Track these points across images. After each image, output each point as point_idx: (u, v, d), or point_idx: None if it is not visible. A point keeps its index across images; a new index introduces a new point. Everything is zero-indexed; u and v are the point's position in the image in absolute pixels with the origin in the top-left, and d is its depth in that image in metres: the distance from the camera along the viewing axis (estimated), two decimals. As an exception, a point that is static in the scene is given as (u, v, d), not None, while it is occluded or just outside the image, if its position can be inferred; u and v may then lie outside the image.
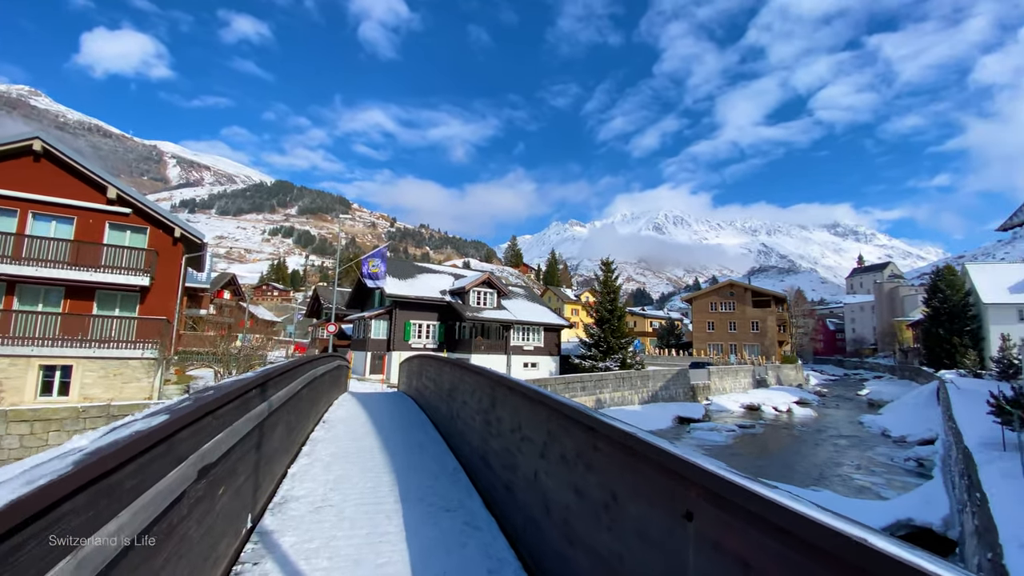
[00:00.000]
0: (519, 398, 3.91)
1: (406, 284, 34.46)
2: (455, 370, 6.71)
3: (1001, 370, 28.85)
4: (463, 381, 6.22)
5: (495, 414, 4.59)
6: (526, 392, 3.71)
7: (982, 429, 10.31)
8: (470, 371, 5.70)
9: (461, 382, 6.32)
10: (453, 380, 6.87)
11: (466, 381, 6.04)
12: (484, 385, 5.06)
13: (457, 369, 6.56)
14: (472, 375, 5.57)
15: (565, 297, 74.81)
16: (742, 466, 18.61)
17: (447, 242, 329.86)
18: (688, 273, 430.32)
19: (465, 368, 6.05)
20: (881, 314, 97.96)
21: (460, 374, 6.38)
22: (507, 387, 4.24)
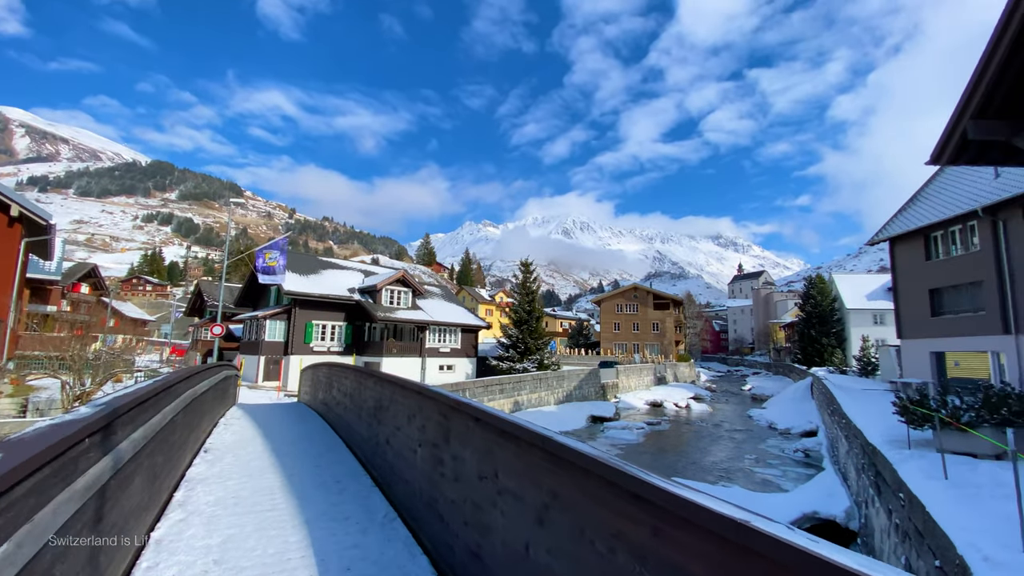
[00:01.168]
0: (494, 435, 2.91)
1: (308, 280, 31.41)
2: (383, 386, 5.50)
3: (861, 367, 33.09)
4: (395, 401, 5.04)
5: (450, 451, 3.54)
6: (509, 429, 2.73)
7: (882, 426, 11.16)
8: (409, 390, 4.55)
9: (392, 402, 5.14)
10: (379, 398, 5.66)
11: (400, 402, 4.87)
12: (431, 411, 3.97)
13: (386, 385, 5.36)
14: (413, 395, 4.43)
15: (480, 297, 74.16)
16: (657, 465, 19.08)
17: (353, 237, 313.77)
18: (593, 276, 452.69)
19: (400, 385, 4.88)
20: (758, 317, 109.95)
21: (391, 392, 5.19)
22: (472, 417, 3.22)
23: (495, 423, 2.88)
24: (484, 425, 3.05)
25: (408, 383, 4.55)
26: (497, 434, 2.86)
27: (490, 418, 2.95)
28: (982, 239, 20.01)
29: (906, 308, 24.05)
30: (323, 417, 10.55)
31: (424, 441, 4.06)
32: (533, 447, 2.49)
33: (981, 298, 19.97)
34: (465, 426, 3.31)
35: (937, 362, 22.40)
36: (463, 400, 3.41)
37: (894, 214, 25.99)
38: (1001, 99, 10.79)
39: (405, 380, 4.72)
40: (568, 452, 2.21)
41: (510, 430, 2.70)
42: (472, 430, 3.20)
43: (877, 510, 9.20)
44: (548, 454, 2.38)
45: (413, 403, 4.43)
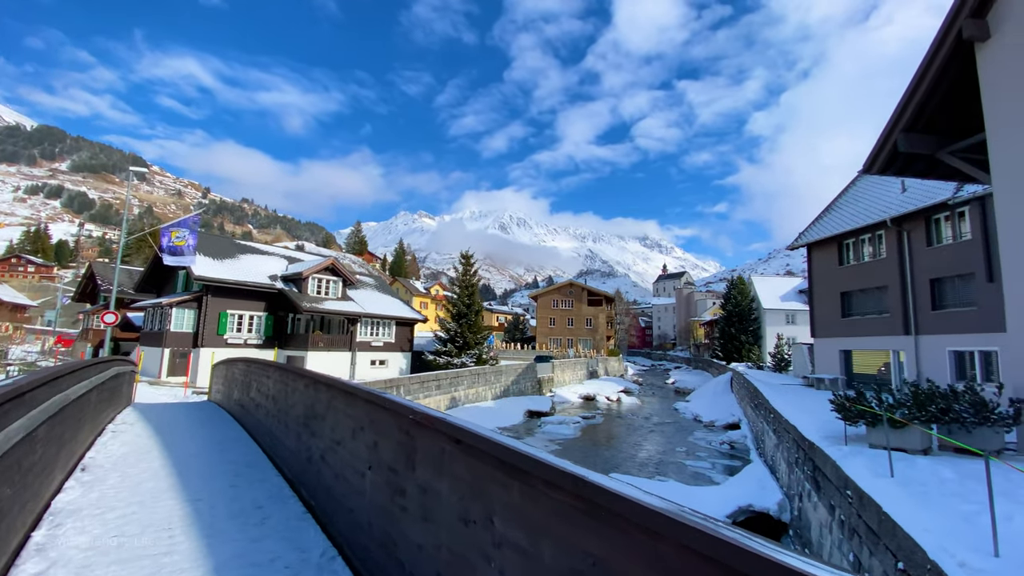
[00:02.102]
0: (487, 465, 2.18)
1: (223, 265, 28.47)
2: (318, 389, 4.53)
3: (776, 363, 35.56)
4: (334, 409, 4.12)
5: (416, 479, 2.74)
6: (514, 461, 2.01)
7: (810, 421, 11.62)
8: (356, 398, 3.65)
9: (330, 410, 4.20)
10: (312, 403, 4.67)
11: (342, 411, 3.96)
12: (387, 425, 3.14)
13: (322, 388, 4.40)
14: (361, 404, 3.54)
15: (414, 289, 72.02)
16: (595, 460, 19.09)
17: (276, 221, 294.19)
18: (528, 271, 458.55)
19: (342, 390, 3.96)
20: (680, 314, 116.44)
21: (329, 397, 4.25)
22: (450, 438, 2.45)
23: (490, 450, 2.14)
24: (470, 451, 2.29)
25: (354, 388, 3.65)
26: (493, 465, 2.12)
27: (481, 442, 2.20)
28: (888, 247, 21.90)
29: (820, 309, 25.93)
30: (239, 421, 9.14)
31: (377, 463, 3.22)
32: (556, 489, 1.79)
33: (886, 301, 21.88)
34: (439, 449, 2.54)
35: (845, 359, 24.35)
36: (436, 414, 2.62)
37: (811, 222, 27.96)
38: (929, 116, 11.51)
39: (350, 384, 3.81)
40: (622, 504, 1.53)
41: (516, 462, 1.98)
42: (451, 456, 2.43)
43: (815, 504, 9.45)
44: (584, 501, 1.69)
45: (360, 413, 3.56)
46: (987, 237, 17.66)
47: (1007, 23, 9.43)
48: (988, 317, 17.38)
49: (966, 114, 11.02)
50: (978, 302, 17.82)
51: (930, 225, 20.13)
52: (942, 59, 10.53)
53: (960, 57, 10.46)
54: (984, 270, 17.60)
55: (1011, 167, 9.45)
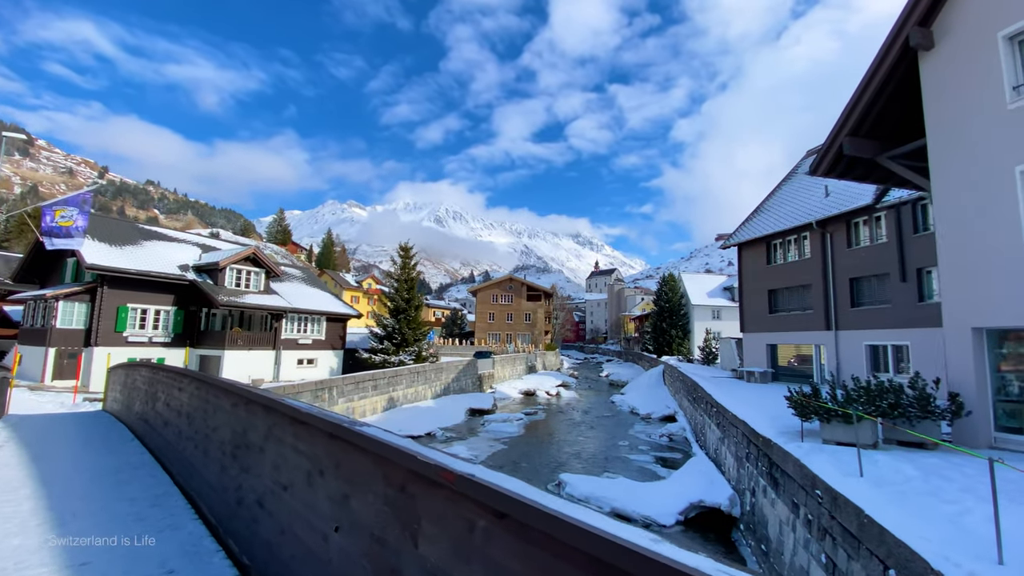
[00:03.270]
0: (573, 566, 1.36)
1: (124, 253, 24.96)
2: (252, 412, 3.42)
3: (704, 356, 37.28)
4: (278, 442, 3.07)
5: (421, 561, 1.86)
6: (618, 561, 1.20)
7: (764, 417, 11.82)
8: (316, 430, 2.61)
9: (271, 440, 3.14)
10: (245, 429, 3.55)
11: (291, 445, 2.92)
12: (369, 475, 2.20)
13: (259, 412, 3.31)
14: (322, 440, 2.53)
15: (345, 283, 68.43)
16: (544, 459, 18.66)
17: (187, 206, 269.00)
18: (464, 266, 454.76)
19: (291, 418, 2.90)
20: (611, 309, 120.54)
21: (270, 425, 3.18)
22: (490, 511, 1.61)
23: (568, 539, 1.33)
24: (526, 535, 1.46)
25: (309, 415, 2.63)
26: (575, 563, 1.31)
27: (548, 523, 1.38)
28: (812, 248, 23.31)
29: (748, 305, 27.26)
30: (142, 440, 7.48)
31: (350, 525, 2.28)
32: None
33: (809, 299, 23.30)
34: (466, 523, 1.68)
35: (771, 353, 25.78)
36: (462, 468, 1.76)
37: (741, 223, 29.34)
38: (873, 121, 11.98)
39: (302, 409, 2.77)
40: None
41: (624, 564, 1.19)
42: (489, 536, 1.59)
43: (772, 501, 9.47)
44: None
45: (319, 451, 2.59)
46: (901, 240, 19.15)
47: (950, 34, 9.86)
48: (900, 314, 18.90)
49: (907, 121, 11.57)
50: (892, 300, 19.30)
51: (850, 228, 21.59)
52: (888, 66, 10.94)
53: (904, 65, 10.92)
54: (898, 271, 19.09)
55: (949, 171, 9.93)
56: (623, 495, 12.96)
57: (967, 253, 9.46)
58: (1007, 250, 8.73)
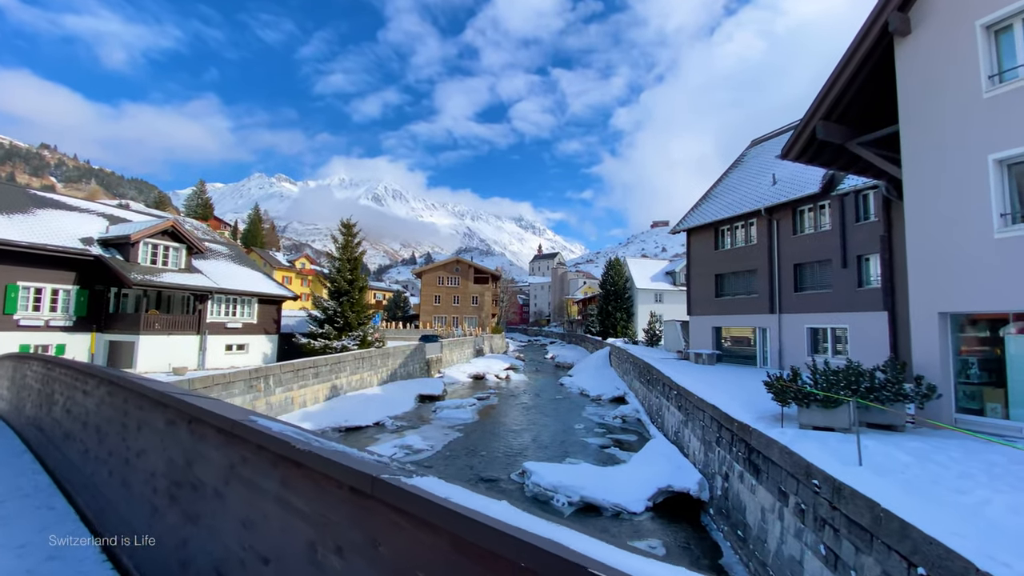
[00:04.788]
0: None
1: (12, 222, 21.20)
2: (200, 439, 2.27)
3: (647, 338, 38.21)
4: (243, 480, 2.01)
5: None
6: None
7: (732, 400, 11.78)
8: (321, 477, 1.62)
9: (233, 481, 2.07)
10: (190, 460, 2.39)
11: (275, 495, 1.89)
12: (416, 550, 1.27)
13: (212, 438, 2.19)
14: (341, 498, 1.54)
15: (275, 262, 63.90)
16: (502, 447, 18.03)
17: (90, 174, 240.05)
18: (405, 247, 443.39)
19: (279, 455, 1.84)
20: (555, 292, 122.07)
21: (233, 461, 2.08)
22: None
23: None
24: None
25: (321, 449, 1.59)
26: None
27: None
28: (759, 234, 24.04)
29: (696, 289, 27.95)
30: (36, 454, 5.80)
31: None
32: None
33: (755, 283, 24.10)
34: None
35: (716, 335, 26.63)
36: None
37: (690, 209, 29.89)
38: (846, 106, 12.01)
39: (296, 445, 1.73)
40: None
41: None
42: None
43: (752, 487, 9.35)
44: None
45: (342, 515, 1.59)
46: (843, 228, 20.01)
47: (927, 20, 9.84)
48: (840, 298, 19.87)
49: (878, 107, 11.68)
50: (833, 285, 20.24)
51: (796, 215, 22.38)
52: (865, 50, 10.87)
53: (880, 51, 10.91)
54: (840, 257, 19.98)
55: (920, 159, 10.03)
56: (590, 483, 12.58)
57: (936, 239, 9.64)
58: (977, 236, 8.93)
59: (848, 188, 18.48)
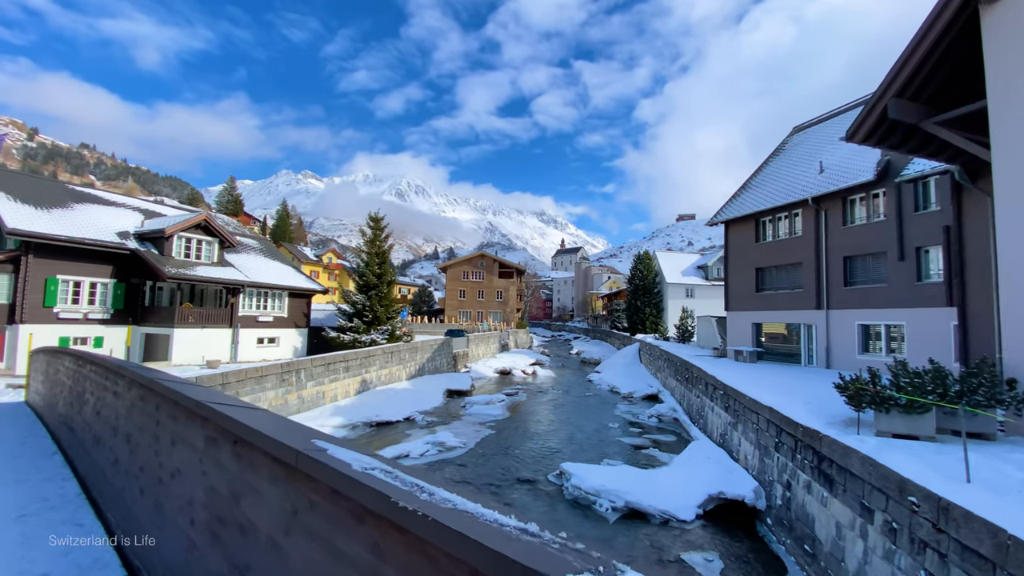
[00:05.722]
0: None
1: (52, 217, 21.61)
2: (253, 467, 1.77)
3: (679, 335, 37.06)
4: (307, 531, 1.48)
5: None
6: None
7: (800, 403, 10.92)
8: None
9: (296, 530, 1.55)
10: (233, 492, 1.88)
11: (368, 561, 1.33)
12: None
13: (264, 467, 1.69)
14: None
15: (303, 256, 64.66)
16: (538, 447, 17.45)
17: (127, 173, 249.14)
18: (428, 242, 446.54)
19: (348, 499, 1.32)
20: (578, 287, 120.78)
21: (295, 500, 1.58)
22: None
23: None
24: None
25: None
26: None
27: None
28: (805, 226, 22.76)
29: (734, 283, 26.76)
30: (66, 456, 5.46)
31: None
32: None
33: (800, 277, 22.87)
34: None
35: (756, 332, 25.46)
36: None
37: (728, 200, 28.63)
38: (921, 82, 10.94)
39: (381, 476, 1.22)
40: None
41: None
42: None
43: (823, 499, 8.54)
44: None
45: None
46: (900, 219, 18.68)
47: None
48: (896, 294, 18.59)
49: (960, 83, 10.58)
50: (888, 279, 18.96)
51: (846, 205, 21.07)
52: (945, 20, 9.81)
53: (963, 19, 9.82)
54: (896, 249, 18.67)
55: (1012, 138, 8.98)
56: (634, 486, 11.89)
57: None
58: (1090, 223, 7.87)
59: (914, 174, 17.13)
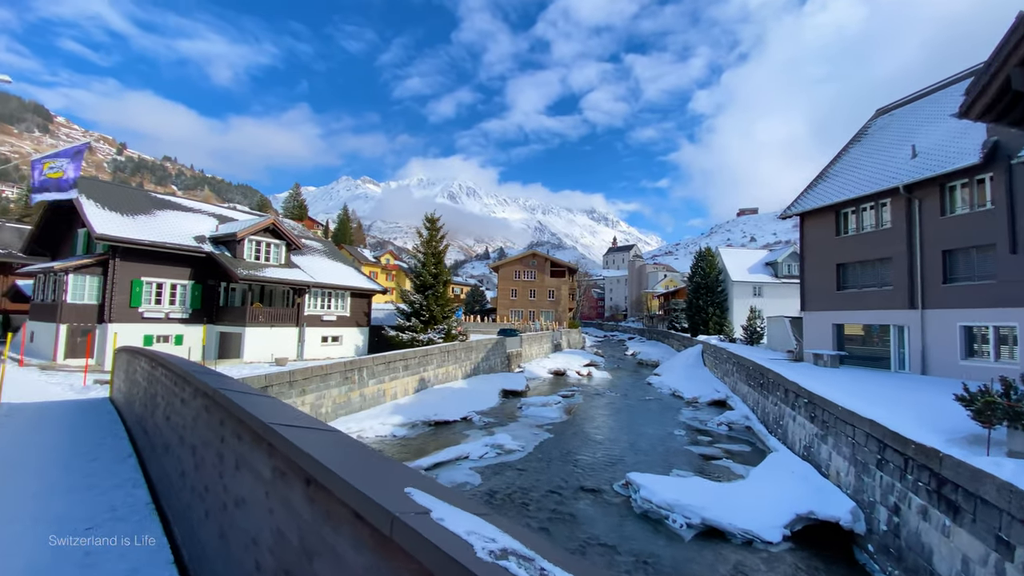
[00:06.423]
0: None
1: (137, 223, 23.27)
2: (332, 520, 1.41)
3: (747, 336, 34.89)
4: None
5: None
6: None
7: (910, 416, 9.65)
8: None
9: None
10: (314, 543, 1.54)
11: None
12: None
13: (345, 522, 1.32)
14: None
15: (363, 258, 66.89)
16: (600, 454, 16.75)
17: (203, 182, 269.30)
18: (478, 243, 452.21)
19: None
20: (632, 286, 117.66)
21: None
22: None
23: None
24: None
25: None
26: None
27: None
28: (894, 216, 20.58)
29: (811, 281, 24.71)
30: (140, 457, 5.51)
31: None
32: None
33: (889, 273, 20.71)
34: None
35: (838, 334, 23.36)
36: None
37: (803, 190, 26.50)
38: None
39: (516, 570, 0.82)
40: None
41: None
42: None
43: (945, 527, 7.39)
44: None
45: None
46: (1012, 207, 16.38)
47: None
48: (1007, 290, 16.35)
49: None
50: (997, 275, 16.71)
51: (944, 193, 18.83)
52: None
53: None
54: (1008, 241, 16.37)
55: None
56: (711, 501, 10.98)
57: None
58: None
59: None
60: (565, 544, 9.92)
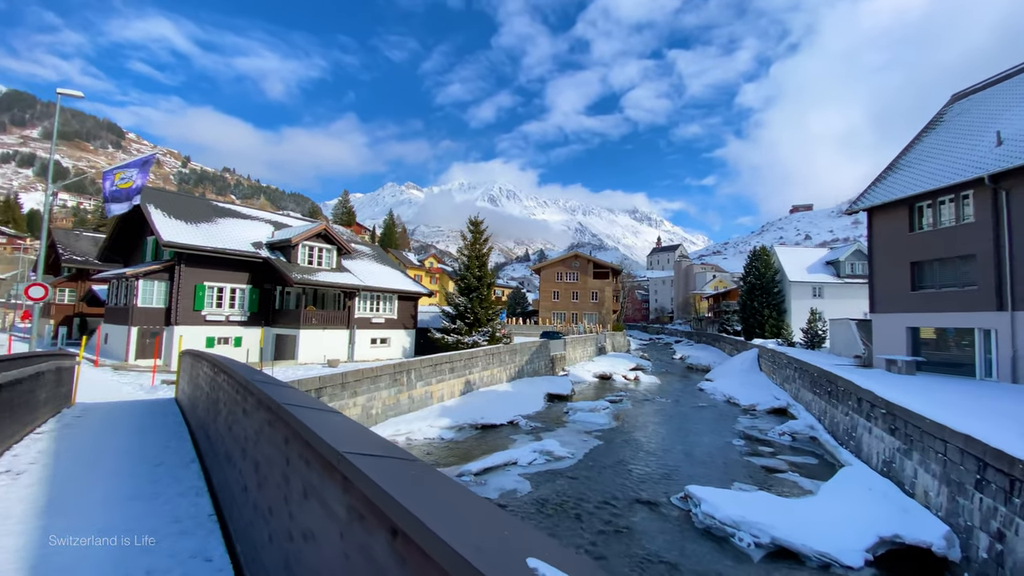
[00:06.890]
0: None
1: (199, 230, 24.51)
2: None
3: (807, 340, 32.91)
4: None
5: None
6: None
7: (1008, 429, 8.61)
8: None
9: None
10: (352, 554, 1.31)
11: None
12: None
13: None
14: None
15: (408, 262, 68.22)
16: (658, 465, 16.07)
17: (259, 191, 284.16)
18: (519, 245, 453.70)
19: None
20: (678, 287, 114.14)
21: None
22: None
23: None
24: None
25: None
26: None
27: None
28: (978, 210, 18.75)
29: (882, 281, 22.95)
30: (203, 463, 5.55)
31: None
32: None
33: (972, 272, 18.89)
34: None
35: (912, 338, 21.54)
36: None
37: (871, 183, 24.70)
38: None
39: None
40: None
41: None
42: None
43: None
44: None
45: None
46: None
47: None
48: (1124, 290, 14.50)
49: None
50: (1109, 272, 14.85)
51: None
52: None
53: None
54: (1123, 234, 14.56)
55: None
56: (782, 520, 10.20)
57: None
58: None
59: None
60: (622, 560, 9.45)
